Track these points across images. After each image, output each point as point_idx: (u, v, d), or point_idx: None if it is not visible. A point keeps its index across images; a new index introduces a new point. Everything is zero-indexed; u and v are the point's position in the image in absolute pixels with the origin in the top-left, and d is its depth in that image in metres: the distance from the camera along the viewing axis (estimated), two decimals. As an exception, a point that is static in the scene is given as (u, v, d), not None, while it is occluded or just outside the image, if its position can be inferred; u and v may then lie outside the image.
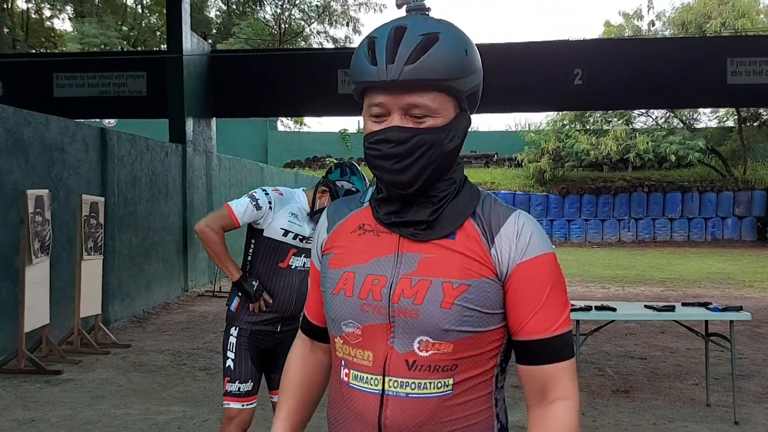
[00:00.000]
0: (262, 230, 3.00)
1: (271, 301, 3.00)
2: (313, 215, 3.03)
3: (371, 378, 1.23)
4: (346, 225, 1.34)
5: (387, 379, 1.22)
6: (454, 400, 1.22)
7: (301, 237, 3.02)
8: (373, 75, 1.18)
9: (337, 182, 3.02)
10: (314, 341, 1.48)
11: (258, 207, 2.95)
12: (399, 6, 1.26)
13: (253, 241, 3.06)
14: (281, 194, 3.02)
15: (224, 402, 3.04)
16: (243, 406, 3.01)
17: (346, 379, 1.27)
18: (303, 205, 3.07)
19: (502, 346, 1.26)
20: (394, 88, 1.18)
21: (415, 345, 1.20)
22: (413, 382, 1.20)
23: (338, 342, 1.29)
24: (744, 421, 4.65)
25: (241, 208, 2.95)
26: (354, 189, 2.99)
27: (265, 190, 3.01)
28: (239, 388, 3.00)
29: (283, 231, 2.98)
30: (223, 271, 3.12)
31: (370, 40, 1.21)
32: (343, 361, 1.28)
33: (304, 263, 3.03)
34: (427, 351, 1.20)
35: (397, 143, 1.19)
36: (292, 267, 3.02)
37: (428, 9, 1.25)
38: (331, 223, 1.38)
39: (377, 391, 1.22)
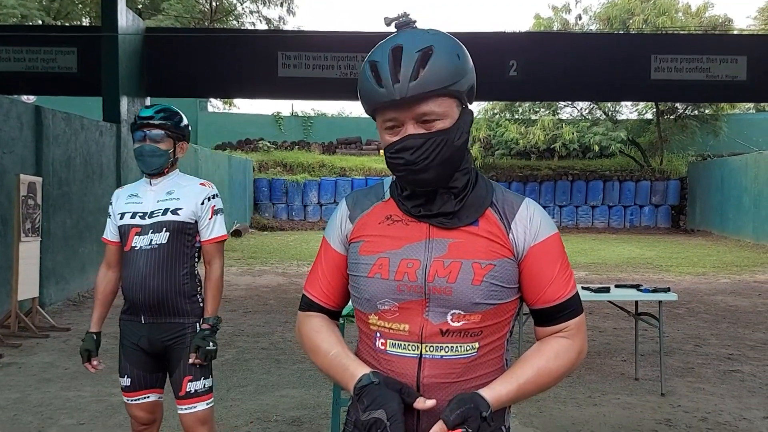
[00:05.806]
0: None
1: (98, 369, 2.90)
2: (150, 178, 2.88)
3: (409, 345, 1.40)
4: (373, 216, 1.49)
5: (424, 345, 1.39)
6: (479, 360, 1.42)
7: (141, 214, 2.78)
8: (383, 96, 1.32)
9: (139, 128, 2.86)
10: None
11: (110, 215, 2.90)
12: (388, 24, 1.39)
13: None
14: (122, 188, 2.97)
15: None
16: (128, 400, 2.84)
17: (382, 347, 1.43)
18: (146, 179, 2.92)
19: (514, 315, 1.47)
20: (403, 103, 1.32)
21: (448, 317, 1.39)
22: (447, 346, 1.39)
23: (372, 318, 1.44)
24: (669, 393, 5.07)
25: (107, 230, 2.93)
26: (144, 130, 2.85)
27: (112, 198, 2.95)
28: (121, 381, 2.86)
29: (120, 215, 2.82)
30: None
31: (372, 64, 1.34)
32: (378, 333, 1.44)
33: (151, 240, 2.74)
34: (458, 322, 1.39)
35: (415, 149, 1.34)
36: (136, 248, 2.74)
37: (415, 22, 1.38)
38: (354, 213, 1.51)
39: (415, 355, 1.40)
